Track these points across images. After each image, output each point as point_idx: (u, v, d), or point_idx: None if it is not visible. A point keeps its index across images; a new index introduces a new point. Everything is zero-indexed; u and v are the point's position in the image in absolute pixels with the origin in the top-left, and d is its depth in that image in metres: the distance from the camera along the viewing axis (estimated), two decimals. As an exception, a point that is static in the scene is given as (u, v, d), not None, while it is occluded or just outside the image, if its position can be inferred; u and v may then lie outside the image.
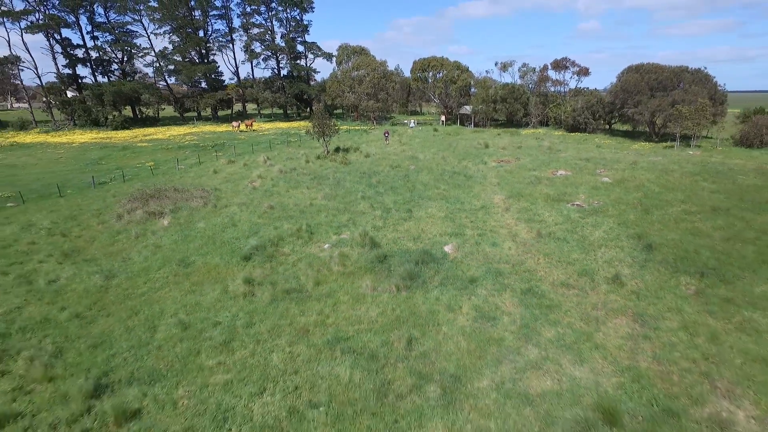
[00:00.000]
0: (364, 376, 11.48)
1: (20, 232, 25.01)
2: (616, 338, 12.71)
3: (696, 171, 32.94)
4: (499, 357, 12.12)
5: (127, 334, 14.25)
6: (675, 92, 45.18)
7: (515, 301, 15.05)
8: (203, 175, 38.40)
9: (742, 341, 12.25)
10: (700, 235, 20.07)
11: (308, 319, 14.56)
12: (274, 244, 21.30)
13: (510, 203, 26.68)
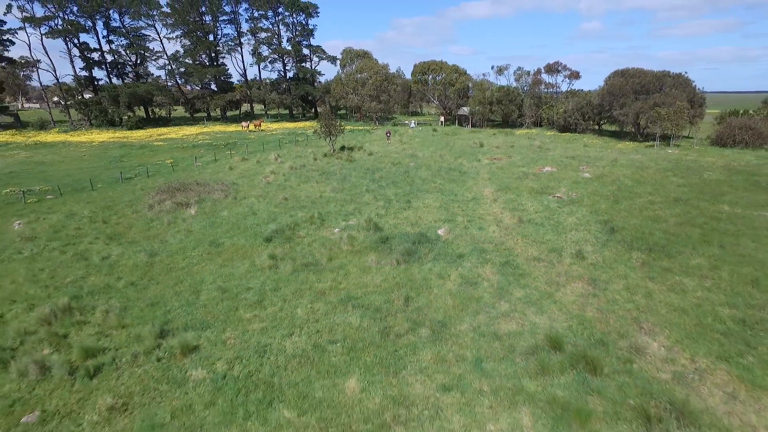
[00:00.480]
0: (371, 322, 14.52)
1: (65, 219, 28.11)
2: (571, 296, 15.73)
3: (668, 167, 35.91)
4: (477, 310, 15.15)
5: (177, 297, 17.31)
6: (656, 95, 48.10)
7: (494, 270, 18.07)
8: (220, 171, 41.44)
9: (669, 298, 15.26)
10: (658, 221, 23.07)
11: (324, 284, 17.61)
12: (291, 228, 24.35)
13: (498, 195, 29.69)
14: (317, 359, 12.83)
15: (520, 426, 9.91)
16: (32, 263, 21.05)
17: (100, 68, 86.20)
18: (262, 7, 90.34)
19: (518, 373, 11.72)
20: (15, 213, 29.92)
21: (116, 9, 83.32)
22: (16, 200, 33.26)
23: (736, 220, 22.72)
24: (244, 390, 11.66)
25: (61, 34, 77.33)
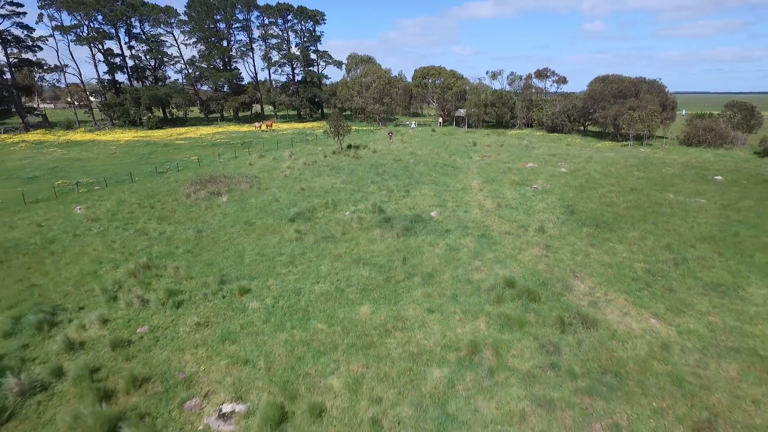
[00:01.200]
0: (377, 274, 19.18)
1: (117, 205, 32.84)
2: (529, 257, 20.37)
3: (635, 164, 40.48)
4: (456, 266, 19.79)
5: (226, 260, 21.99)
6: (632, 100, 52.55)
7: (473, 240, 22.72)
8: (241, 167, 46.09)
9: (602, 257, 19.89)
10: (611, 205, 27.68)
11: (340, 250, 22.27)
12: (310, 212, 29.02)
13: (483, 186, 34.31)
14: (338, 296, 17.50)
15: (479, 330, 14.58)
16: (104, 237, 25.79)
17: (122, 72, 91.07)
18: (272, 15, 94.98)
19: (481, 301, 16.39)
20: (73, 200, 34.66)
21: (137, 17, 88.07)
22: (69, 190, 38.03)
23: (674, 205, 27.33)
24: (288, 314, 16.34)
25: (88, 41, 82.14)
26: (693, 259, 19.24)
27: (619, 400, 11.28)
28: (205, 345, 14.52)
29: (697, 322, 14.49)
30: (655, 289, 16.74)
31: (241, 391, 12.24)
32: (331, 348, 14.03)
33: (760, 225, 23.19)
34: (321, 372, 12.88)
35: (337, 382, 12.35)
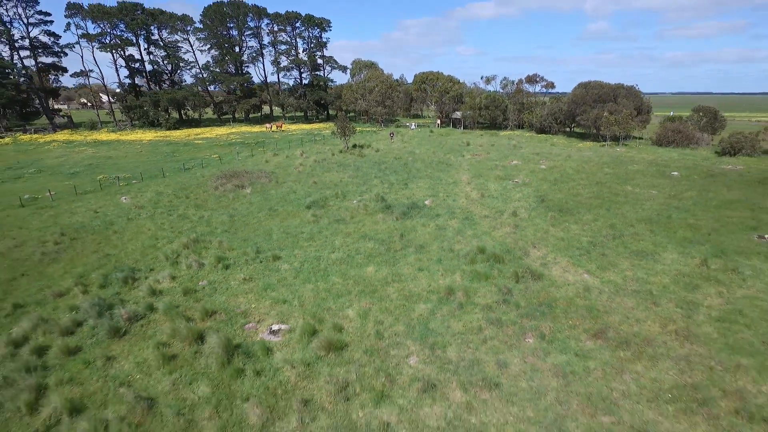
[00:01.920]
0: (379, 246, 23.95)
1: (156, 195, 37.66)
2: (500, 233, 25.13)
3: (606, 161, 45.16)
4: (442, 240, 24.56)
5: (258, 237, 26.79)
6: (610, 104, 57.11)
7: (457, 221, 27.49)
8: (258, 164, 50.87)
9: (558, 234, 24.64)
10: (576, 195, 32.40)
11: (349, 229, 27.05)
12: (323, 201, 33.80)
13: (471, 180, 39.05)
14: (349, 261, 22.29)
15: (455, 281, 19.34)
16: (153, 220, 30.65)
17: (141, 76, 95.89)
18: (281, 22, 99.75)
19: (459, 263, 21.18)
20: (116, 192, 39.52)
21: (156, 25, 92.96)
22: (111, 184, 42.90)
23: (629, 195, 32.06)
24: (312, 272, 21.12)
25: (111, 48, 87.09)
26: (628, 234, 23.99)
27: (547, 320, 16.05)
28: (252, 292, 19.34)
29: (616, 276, 19.26)
30: (592, 255, 21.50)
31: (283, 318, 17.06)
32: (345, 293, 18.84)
33: (691, 210, 27.90)
34: (339, 307, 17.68)
35: (351, 312, 17.15)
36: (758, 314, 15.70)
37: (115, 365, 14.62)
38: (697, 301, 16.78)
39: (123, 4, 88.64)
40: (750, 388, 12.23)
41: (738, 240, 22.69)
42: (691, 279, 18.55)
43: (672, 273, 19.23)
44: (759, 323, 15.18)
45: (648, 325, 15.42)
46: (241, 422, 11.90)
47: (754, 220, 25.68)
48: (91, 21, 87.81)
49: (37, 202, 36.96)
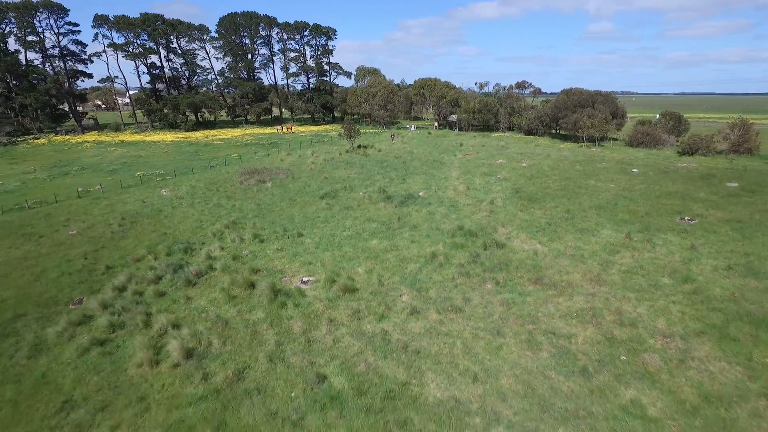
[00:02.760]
0: (381, 226, 29.63)
1: (191, 188, 43.37)
2: (478, 217, 30.78)
3: (580, 160, 50.69)
4: (432, 221, 30.21)
5: (283, 220, 32.48)
6: (588, 109, 62.56)
7: (444, 208, 33.14)
8: (274, 162, 56.53)
9: (523, 217, 30.26)
10: (546, 188, 38.00)
11: (357, 214, 32.72)
12: (334, 192, 39.46)
13: (460, 176, 44.66)
14: (357, 236, 27.96)
15: (438, 249, 24.98)
16: (193, 208, 36.38)
17: (161, 81, 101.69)
18: (291, 31, 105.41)
19: (443, 237, 26.84)
20: (155, 185, 45.28)
21: (175, 34, 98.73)
22: (149, 179, 48.64)
23: (590, 188, 37.66)
24: (329, 244, 26.79)
25: (136, 57, 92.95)
26: (579, 217, 29.62)
27: (502, 273, 21.70)
28: (284, 258, 25.05)
29: (560, 245, 24.90)
30: (546, 231, 27.13)
31: (310, 273, 22.76)
32: (355, 257, 24.53)
33: (636, 199, 33.50)
34: (351, 266, 23.37)
35: (360, 270, 22.84)
36: (654, 268, 21.32)
37: (194, 302, 20.36)
38: (614, 261, 22.43)
39: (145, 15, 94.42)
40: (628, 309, 17.87)
41: (663, 221, 28.30)
42: (615, 247, 24.20)
43: (602, 243, 24.87)
44: (652, 273, 20.81)
45: (573, 275, 21.07)
46: (289, 331, 17.61)
47: (682, 206, 31.26)
48: (116, 31, 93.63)
49: (91, 194, 42.77)
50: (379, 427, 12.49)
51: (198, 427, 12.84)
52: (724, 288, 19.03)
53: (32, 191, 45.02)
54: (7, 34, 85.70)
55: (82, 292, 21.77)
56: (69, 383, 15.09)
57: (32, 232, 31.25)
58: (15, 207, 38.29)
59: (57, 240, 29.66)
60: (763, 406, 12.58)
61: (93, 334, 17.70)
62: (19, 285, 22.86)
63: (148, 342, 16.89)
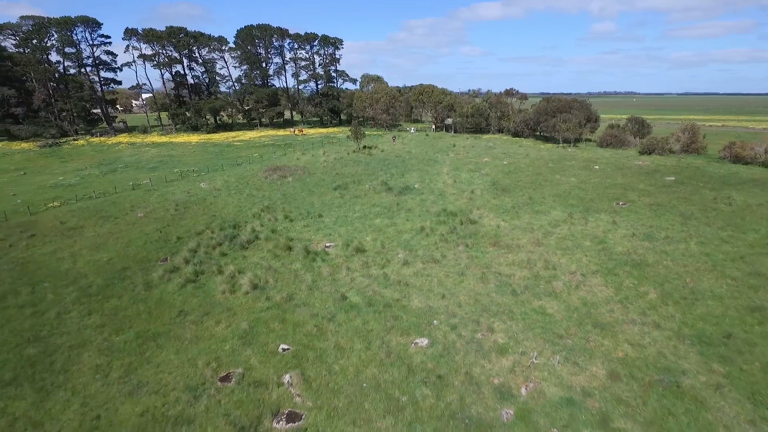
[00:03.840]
0: (383, 209, 37.05)
1: (224, 182, 50.81)
2: (459, 203, 38.14)
3: (553, 158, 57.93)
4: (423, 206, 37.59)
5: (305, 206, 39.92)
6: (565, 114, 69.66)
7: (434, 197, 40.52)
8: (291, 161, 63.92)
9: (495, 203, 37.61)
10: (519, 181, 45.28)
11: (364, 201, 40.15)
12: (345, 185, 46.84)
13: (450, 172, 51.97)
14: (365, 217, 35.37)
15: (426, 224, 32.35)
16: (231, 197, 43.85)
17: (184, 88, 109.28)
18: (301, 42, 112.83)
19: (431, 216, 34.23)
20: (194, 180, 52.73)
21: (197, 45, 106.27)
22: (187, 175, 56.14)
23: (554, 181, 44.93)
24: (343, 222, 34.21)
25: (162, 66, 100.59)
26: (538, 202, 36.94)
27: (471, 239, 29.06)
28: (310, 231, 32.49)
29: (518, 222, 32.23)
30: (510, 212, 34.48)
31: (331, 241, 30.20)
32: (363, 231, 31.95)
33: (587, 189, 40.77)
34: (361, 236, 30.78)
35: (368, 238, 30.25)
36: (581, 236, 28.67)
37: (249, 259, 27.84)
38: (554, 231, 29.78)
39: (170, 29, 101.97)
40: (554, 260, 25.23)
41: (602, 205, 35.62)
42: (558, 222, 31.55)
43: (550, 220, 32.22)
44: (578, 239, 28.15)
45: (521, 241, 28.44)
46: (319, 274, 25.04)
47: (622, 194, 38.53)
48: (144, 42, 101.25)
49: (142, 186, 50.28)
50: (381, 319, 19.92)
51: (269, 321, 20.29)
52: (623, 247, 26.40)
53: (91, 185, 52.60)
54: (49, 48, 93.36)
55: (165, 254, 29.28)
56: (179, 302, 22.59)
57: (108, 215, 38.81)
58: (85, 197, 45.87)
59: (130, 220, 37.20)
60: (618, 308, 19.93)
61: (185, 277, 25.19)
62: (116, 250, 30.42)
63: (224, 280, 24.39)
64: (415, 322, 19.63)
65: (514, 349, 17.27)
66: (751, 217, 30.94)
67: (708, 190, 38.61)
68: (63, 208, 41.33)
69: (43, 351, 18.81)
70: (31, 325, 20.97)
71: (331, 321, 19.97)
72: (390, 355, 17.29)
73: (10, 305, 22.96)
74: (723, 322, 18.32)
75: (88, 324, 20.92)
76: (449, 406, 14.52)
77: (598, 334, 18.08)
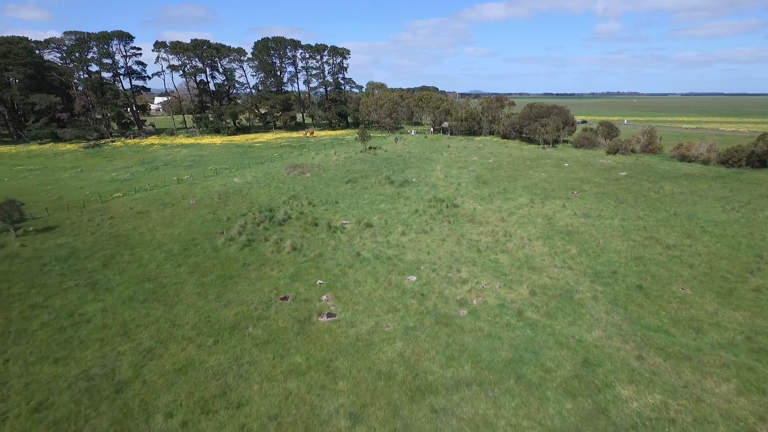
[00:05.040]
0: (387, 197, 45.32)
1: (254, 177, 59.16)
2: (447, 192, 46.34)
3: (532, 157, 65.98)
4: (419, 195, 45.81)
5: (323, 195, 48.23)
6: (545, 119, 77.61)
7: (428, 188, 48.73)
8: (307, 160, 72.20)
9: (476, 192, 45.79)
10: (498, 176, 53.41)
11: (371, 191, 48.41)
12: (354, 179, 55.10)
13: (442, 169, 60.14)
14: (372, 203, 43.63)
15: (420, 207, 40.61)
16: (261, 189, 52.20)
17: (207, 94, 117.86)
18: (312, 52, 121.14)
19: (423, 202, 42.48)
20: (227, 175, 61.09)
21: (219, 56, 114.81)
22: (219, 172, 64.54)
23: (528, 175, 53.05)
24: (355, 207, 42.50)
25: (188, 75, 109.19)
26: (510, 192, 45.09)
27: (454, 218, 37.28)
28: (330, 213, 40.80)
29: (490, 206, 40.40)
30: (486, 199, 42.66)
31: (347, 219, 38.52)
32: (371, 213, 40.23)
33: (552, 182, 48.84)
34: (369, 217, 39.06)
35: (375, 218, 38.55)
36: (536, 215, 36.82)
37: (285, 231, 36.17)
38: (516, 212, 37.96)
39: (195, 41, 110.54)
40: (511, 230, 33.42)
41: (559, 193, 43.70)
42: (521, 206, 39.71)
43: (515, 204, 40.39)
44: (533, 217, 36.30)
45: (490, 218, 36.64)
46: (340, 240, 33.35)
47: (579, 186, 46.58)
48: (171, 53, 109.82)
49: (185, 181, 58.70)
50: (385, 266, 28.19)
51: (308, 268, 28.59)
52: (564, 222, 34.59)
53: (141, 179, 61.10)
54: (90, 60, 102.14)
55: (221, 229, 37.63)
56: (241, 259, 30.94)
57: (166, 202, 47.23)
58: (141, 189, 54.33)
59: (184, 206, 45.60)
60: (548, 258, 28.13)
61: (241, 243, 33.53)
62: (182, 226, 38.82)
63: (271, 245, 32.72)
64: (408, 267, 27.91)
65: (471, 281, 25.51)
66: (669, 201, 39.05)
67: (647, 182, 46.70)
68: (127, 198, 49.85)
69: (157, 286, 27.21)
70: (141, 272, 29.39)
71: (350, 268, 28.27)
72: (391, 284, 25.59)
73: (120, 261, 31.40)
74: (613, 266, 26.52)
75: (181, 272, 29.32)
76: (427, 309, 22.79)
77: (530, 272, 26.30)
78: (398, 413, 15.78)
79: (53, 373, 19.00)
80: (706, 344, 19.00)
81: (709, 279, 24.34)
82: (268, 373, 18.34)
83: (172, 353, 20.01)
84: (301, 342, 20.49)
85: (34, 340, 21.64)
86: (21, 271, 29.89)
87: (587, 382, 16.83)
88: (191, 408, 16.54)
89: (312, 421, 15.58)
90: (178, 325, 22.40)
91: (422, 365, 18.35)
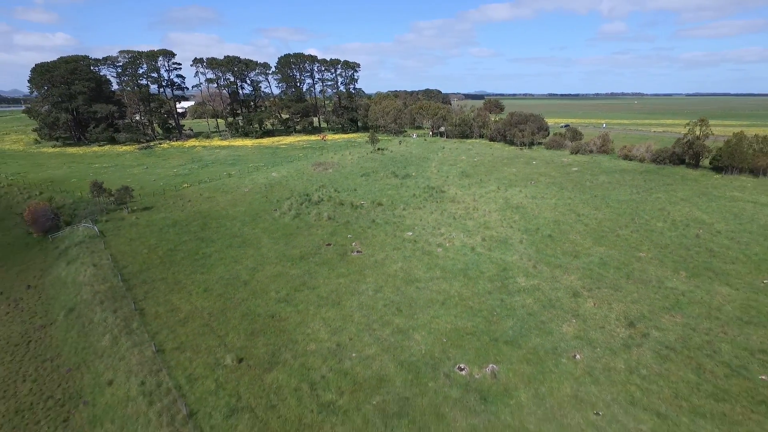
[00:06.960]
0: (392, 187, 58.43)
1: (287, 173, 72.40)
2: (438, 182, 59.35)
3: (510, 157, 78.77)
4: (417, 184, 58.87)
5: (344, 184, 61.39)
6: (523, 125, 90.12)
7: (424, 180, 61.76)
8: (327, 159, 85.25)
9: (459, 182, 58.78)
10: (479, 171, 66.31)
11: (381, 182, 61.51)
12: (367, 174, 68.16)
13: (436, 165, 73.04)
14: (381, 191, 56.72)
15: (417, 192, 53.66)
16: (296, 181, 65.41)
17: (237, 102, 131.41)
18: (327, 66, 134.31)
19: (419, 189, 55.56)
20: (266, 171, 74.40)
21: (248, 71, 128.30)
22: (258, 168, 77.83)
23: (503, 170, 65.95)
24: (369, 193, 55.61)
25: (223, 87, 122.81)
26: (485, 182, 57.97)
27: (440, 199, 50.30)
28: (351, 197, 53.97)
29: (468, 191, 53.33)
30: (466, 187, 55.59)
31: (363, 201, 51.68)
32: (381, 197, 53.35)
33: (519, 175, 61.70)
34: (379, 198, 52.19)
35: (384, 200, 51.69)
36: (499, 197, 49.74)
37: (320, 208, 49.37)
38: (485, 195, 50.89)
39: (228, 57, 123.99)
40: (480, 207, 46.40)
41: (518, 183, 56.52)
42: (489, 191, 52.61)
43: (486, 190, 53.31)
44: (497, 200, 49.24)
45: (466, 199, 49.61)
46: (360, 213, 46.53)
47: (536, 177, 59.35)
48: (208, 68, 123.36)
49: (233, 176, 72.04)
50: (391, 227, 41.31)
51: (340, 230, 41.73)
52: (517, 201, 47.51)
53: (197, 174, 74.51)
54: (141, 75, 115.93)
55: (274, 207, 50.82)
56: (294, 224, 44.16)
57: (226, 190, 60.56)
58: (202, 181, 67.71)
59: (241, 193, 58.93)
60: (498, 223, 41.15)
61: (291, 216, 46.71)
62: (245, 205, 52.11)
63: (313, 216, 45.93)
64: (407, 228, 40.96)
65: (446, 234, 38.54)
66: (597, 188, 51.81)
67: (589, 175, 59.44)
68: (194, 187, 63.28)
69: (244, 240, 40.46)
70: (230, 232, 42.67)
71: (369, 228, 41.37)
72: (395, 236, 38.70)
73: (211, 226, 44.72)
74: (538, 225, 39.46)
75: (256, 231, 42.56)
76: (417, 248, 35.86)
77: (484, 229, 39.29)
78: (399, 289, 28.90)
79: (204, 278, 32.33)
80: (576, 261, 31.97)
81: (594, 231, 37.29)
82: (326, 276, 31.58)
83: (268, 269, 33.29)
84: (342, 264, 33.70)
85: (181, 265, 35.03)
86: (148, 233, 43.37)
87: (501, 277, 29.89)
88: (288, 290, 29.77)
89: (353, 291, 28.75)
90: (266, 257, 35.69)
91: (412, 272, 31.49)
